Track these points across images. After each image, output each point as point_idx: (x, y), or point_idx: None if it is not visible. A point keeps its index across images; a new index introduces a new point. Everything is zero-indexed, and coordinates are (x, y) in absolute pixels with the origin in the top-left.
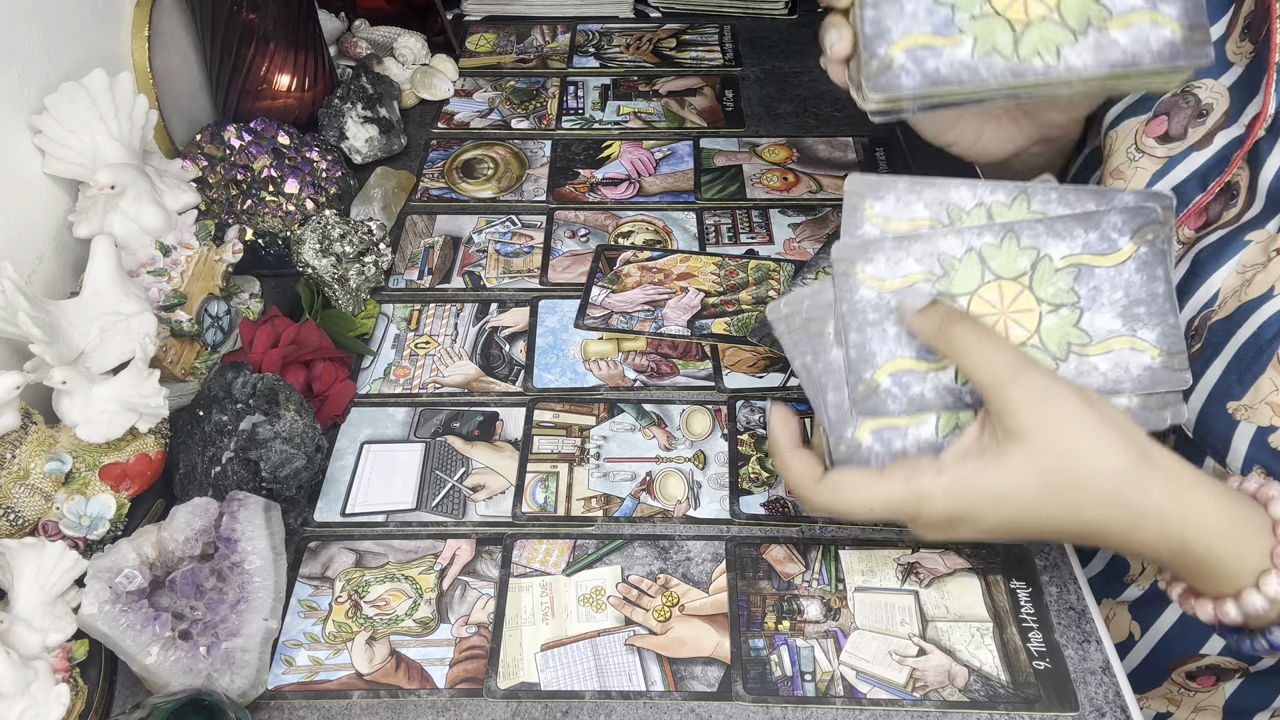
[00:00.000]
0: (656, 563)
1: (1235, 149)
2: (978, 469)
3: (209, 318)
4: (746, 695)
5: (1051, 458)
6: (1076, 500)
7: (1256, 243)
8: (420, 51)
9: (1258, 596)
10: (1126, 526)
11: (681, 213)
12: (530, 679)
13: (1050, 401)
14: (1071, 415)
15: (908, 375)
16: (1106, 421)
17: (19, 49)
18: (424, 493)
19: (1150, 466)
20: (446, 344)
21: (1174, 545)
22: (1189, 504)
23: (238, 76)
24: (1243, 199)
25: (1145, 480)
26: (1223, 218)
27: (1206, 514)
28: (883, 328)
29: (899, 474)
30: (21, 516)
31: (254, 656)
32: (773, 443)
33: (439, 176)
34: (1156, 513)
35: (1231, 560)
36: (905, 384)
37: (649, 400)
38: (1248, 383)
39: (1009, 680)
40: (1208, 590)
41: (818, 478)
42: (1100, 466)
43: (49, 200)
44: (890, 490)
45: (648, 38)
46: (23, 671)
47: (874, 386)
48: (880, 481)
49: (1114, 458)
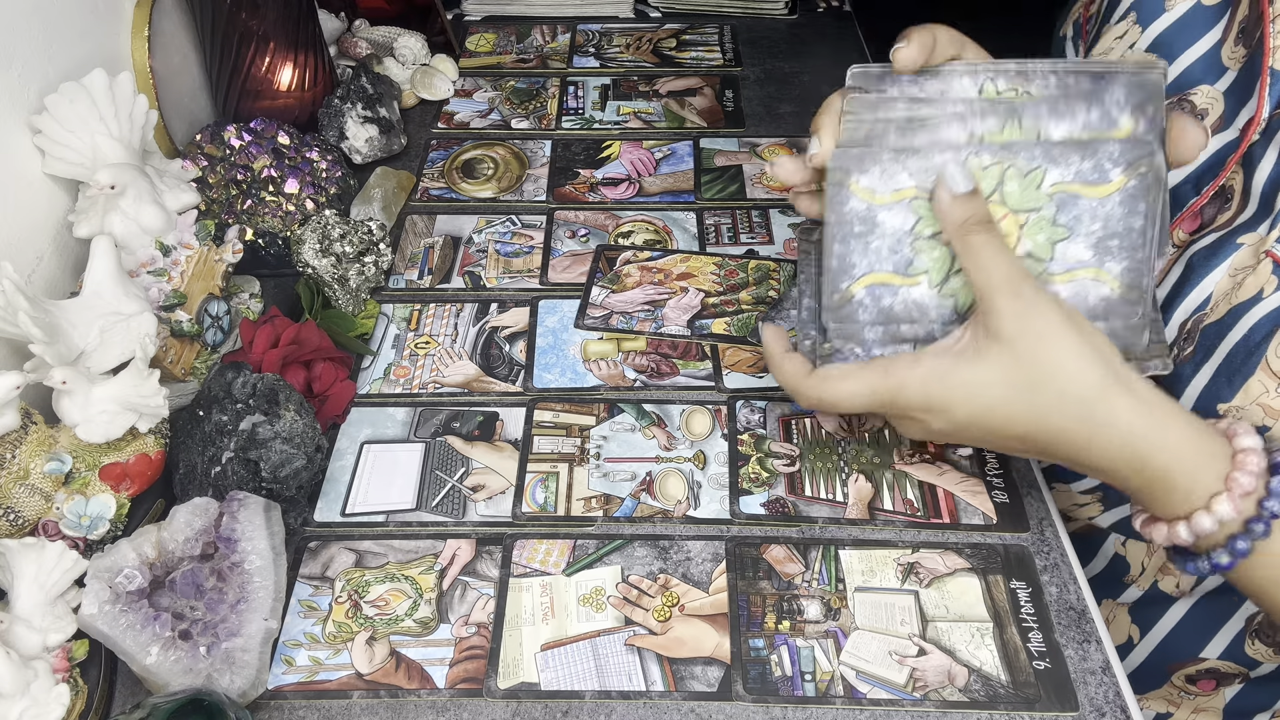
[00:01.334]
0: (656, 563)
1: (1229, 153)
2: (954, 363)
3: (209, 318)
4: (746, 695)
5: (1026, 363)
6: (1042, 405)
7: (1248, 245)
8: (420, 51)
9: (1207, 517)
10: (1084, 437)
11: (681, 213)
12: (530, 679)
13: (1034, 311)
14: (1052, 329)
15: (881, 288)
16: (1084, 340)
17: (19, 49)
18: (424, 493)
19: (1121, 387)
20: (446, 344)
21: (1131, 461)
22: (1152, 424)
23: (238, 76)
24: (1236, 202)
25: (1113, 397)
26: (1217, 221)
27: (1169, 435)
28: (866, 240)
29: (879, 364)
30: (21, 516)
31: (254, 656)
32: (767, 351)
33: (439, 176)
34: (1118, 427)
35: (1186, 480)
36: (877, 295)
37: (649, 400)
38: (1237, 385)
39: (1009, 680)
40: (1163, 513)
41: (807, 373)
42: (1070, 378)
43: (49, 200)
44: (871, 378)
45: (648, 38)
46: (23, 671)
47: (849, 297)
48: (863, 371)
49: (1086, 373)
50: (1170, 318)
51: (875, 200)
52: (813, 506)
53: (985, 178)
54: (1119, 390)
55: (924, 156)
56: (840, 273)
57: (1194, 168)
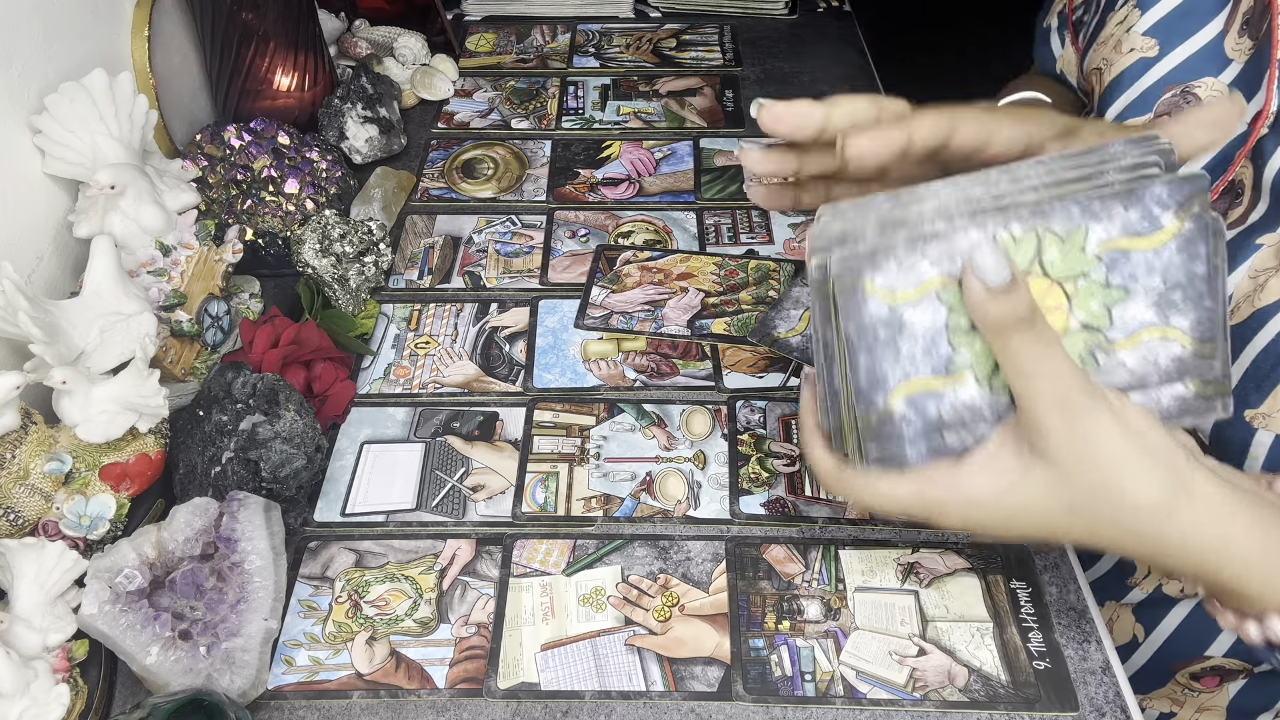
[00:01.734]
0: (656, 563)
1: (1238, 147)
2: (999, 489)
3: (209, 318)
4: (746, 695)
5: (1080, 489)
6: (1100, 526)
7: (1268, 246)
8: (420, 51)
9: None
10: (1147, 553)
11: (681, 213)
12: (530, 679)
13: (1084, 427)
14: (1106, 447)
15: (923, 396)
16: (1143, 452)
17: (19, 49)
18: (424, 493)
19: (1187, 498)
20: (446, 344)
21: (1199, 572)
22: (1220, 534)
23: (238, 76)
24: (1248, 197)
25: (1178, 514)
26: (1229, 217)
27: (1237, 543)
28: (895, 345)
29: (915, 483)
30: (21, 516)
31: (254, 656)
32: (801, 417)
33: (439, 176)
34: (1180, 545)
35: (1258, 587)
36: (920, 405)
37: (649, 400)
38: (1266, 390)
39: (1009, 680)
40: (1232, 605)
41: (838, 466)
42: (1129, 502)
43: (49, 200)
44: (906, 496)
45: (648, 38)
46: (23, 671)
47: (888, 415)
48: (897, 486)
49: (1147, 492)
50: None
51: (896, 300)
52: (813, 506)
53: (1020, 250)
54: (1183, 503)
55: (945, 239)
56: (873, 389)
57: (1202, 163)
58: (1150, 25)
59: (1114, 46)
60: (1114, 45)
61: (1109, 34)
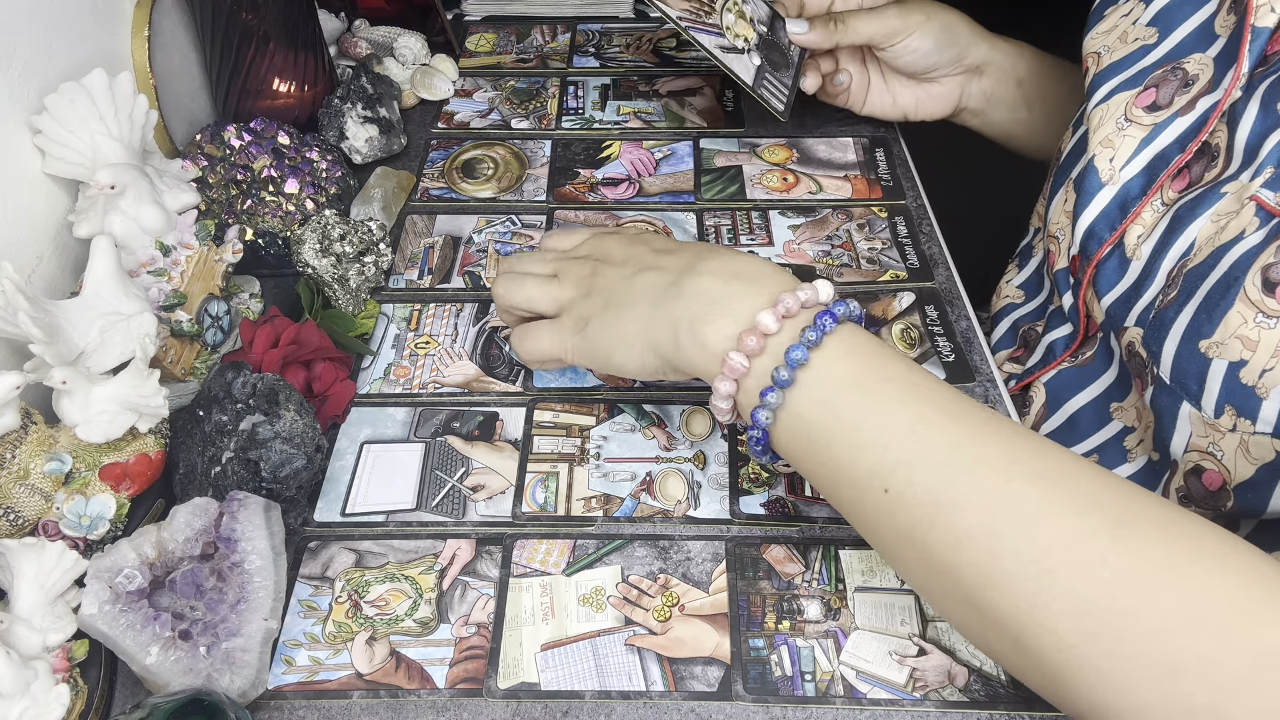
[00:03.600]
0: (656, 563)
1: (1211, 109)
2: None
3: (209, 318)
4: (746, 695)
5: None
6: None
7: (1231, 194)
8: (420, 51)
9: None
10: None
11: (681, 213)
12: (530, 679)
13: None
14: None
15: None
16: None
17: (19, 49)
18: (424, 493)
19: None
20: (446, 344)
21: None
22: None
23: (238, 76)
24: (1222, 159)
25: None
26: (1204, 179)
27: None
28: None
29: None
30: (21, 516)
31: (254, 656)
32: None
33: (439, 176)
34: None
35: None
36: None
37: (649, 400)
38: (1217, 319)
39: (1009, 680)
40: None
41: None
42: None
43: (49, 200)
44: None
45: (648, 38)
46: (23, 671)
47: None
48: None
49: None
50: (1157, 268)
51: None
52: (813, 506)
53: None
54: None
55: None
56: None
57: (1182, 129)
58: (1153, 15)
59: (1119, 36)
60: (1119, 35)
61: (1113, 25)
